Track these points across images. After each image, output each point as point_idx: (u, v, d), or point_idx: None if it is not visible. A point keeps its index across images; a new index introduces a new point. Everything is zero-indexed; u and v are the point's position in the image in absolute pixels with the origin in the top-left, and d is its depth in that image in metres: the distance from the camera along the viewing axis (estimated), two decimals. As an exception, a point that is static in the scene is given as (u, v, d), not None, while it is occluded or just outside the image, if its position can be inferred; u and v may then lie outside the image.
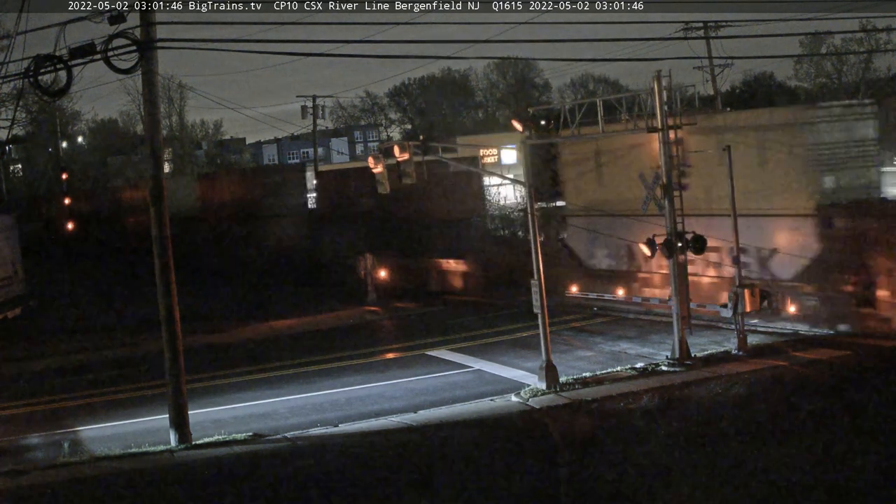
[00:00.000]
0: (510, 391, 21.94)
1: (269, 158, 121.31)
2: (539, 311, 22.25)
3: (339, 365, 26.43)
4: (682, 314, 23.41)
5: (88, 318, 38.41)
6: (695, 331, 24.85)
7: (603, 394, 21.27)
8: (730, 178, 24.15)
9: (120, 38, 18.35)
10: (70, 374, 27.77)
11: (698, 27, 54.61)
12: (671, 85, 24.26)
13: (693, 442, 18.62)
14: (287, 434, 19.59)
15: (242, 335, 32.50)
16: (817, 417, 19.28)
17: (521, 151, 22.83)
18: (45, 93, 18.94)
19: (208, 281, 45.62)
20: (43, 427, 21.78)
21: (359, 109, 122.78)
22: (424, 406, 21.26)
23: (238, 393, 23.96)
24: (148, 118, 20.07)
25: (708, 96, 56.91)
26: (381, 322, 34.04)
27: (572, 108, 26.30)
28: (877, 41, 78.82)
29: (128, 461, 18.35)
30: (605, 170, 31.88)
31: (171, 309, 19.60)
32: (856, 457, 17.58)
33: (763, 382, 21.61)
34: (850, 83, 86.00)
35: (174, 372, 19.59)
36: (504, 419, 20.16)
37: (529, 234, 23.31)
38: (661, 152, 23.56)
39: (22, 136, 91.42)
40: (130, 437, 19.87)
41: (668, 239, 23.14)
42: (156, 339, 22.10)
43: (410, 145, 23.38)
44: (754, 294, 23.79)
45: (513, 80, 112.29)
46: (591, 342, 27.30)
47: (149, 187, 19.82)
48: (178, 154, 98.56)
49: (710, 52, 58.69)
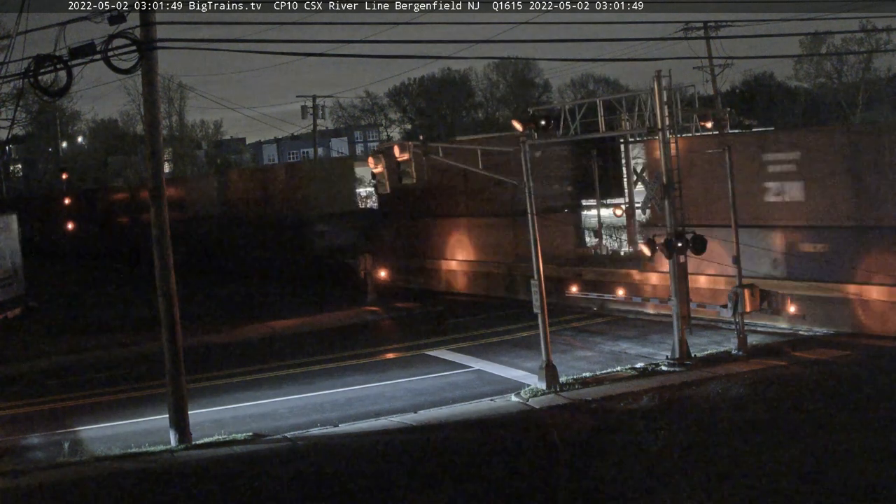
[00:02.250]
0: (510, 391, 21.94)
1: (269, 158, 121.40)
2: (539, 311, 22.26)
3: (339, 365, 26.44)
4: (682, 314, 23.42)
5: (88, 318, 38.41)
6: (695, 331, 24.86)
7: (603, 394, 21.28)
8: (730, 179, 24.17)
9: (120, 38, 18.36)
10: (70, 374, 27.77)
11: (698, 27, 54.72)
12: (671, 85, 24.29)
13: (693, 442, 18.61)
14: (287, 434, 19.60)
15: (242, 335, 32.50)
16: (817, 417, 19.27)
17: (521, 151, 22.76)
18: (45, 93, 18.95)
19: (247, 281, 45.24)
20: (43, 427, 21.79)
21: (359, 109, 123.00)
22: (424, 406, 21.27)
23: (238, 393, 23.97)
24: (148, 118, 20.05)
25: (708, 96, 56.98)
26: (381, 322, 34.04)
27: (572, 109, 26.31)
28: (877, 41, 78.93)
29: (128, 461, 18.36)
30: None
31: (171, 309, 19.61)
32: (856, 457, 17.58)
33: (763, 382, 21.63)
34: (850, 83, 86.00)
35: (174, 372, 19.60)
36: (504, 419, 20.16)
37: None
38: (661, 152, 23.58)
39: (22, 136, 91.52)
40: (130, 437, 19.88)
41: (668, 239, 23.15)
42: (156, 338, 22.11)
43: (410, 145, 23.39)
44: (754, 294, 23.81)
45: (513, 80, 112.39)
46: (591, 342, 27.32)
47: (149, 187, 19.84)
48: (178, 154, 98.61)
49: (710, 52, 58.89)
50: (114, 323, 36.09)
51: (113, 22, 18.17)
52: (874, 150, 24.83)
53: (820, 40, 77.25)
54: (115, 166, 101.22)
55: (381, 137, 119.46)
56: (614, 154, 36.16)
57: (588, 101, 27.44)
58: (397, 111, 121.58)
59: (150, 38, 18.87)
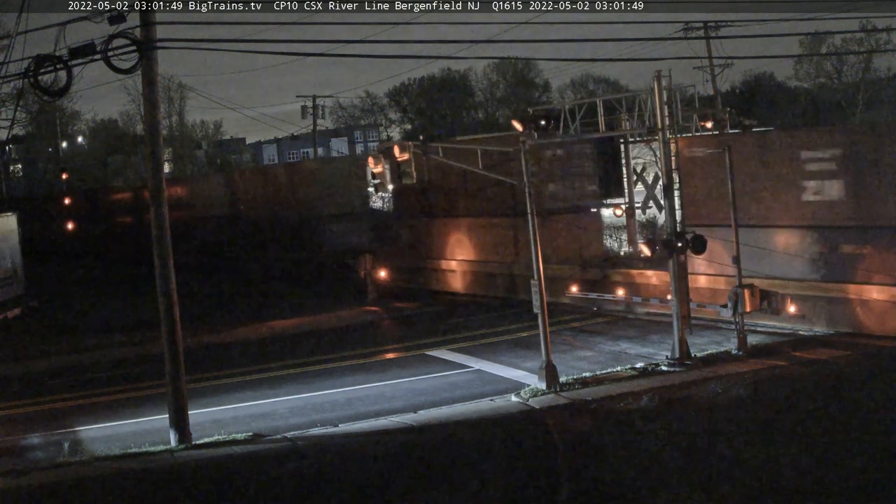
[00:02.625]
0: (510, 391, 21.94)
1: (269, 158, 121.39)
2: (539, 311, 22.26)
3: (339, 365, 26.43)
4: (682, 314, 23.41)
5: (88, 318, 38.41)
6: (695, 331, 24.86)
7: (603, 394, 21.27)
8: (730, 180, 24.16)
9: (120, 39, 18.34)
10: (70, 374, 27.77)
11: (698, 27, 54.68)
12: (671, 85, 24.28)
13: (693, 442, 18.63)
14: (287, 434, 19.59)
15: (242, 335, 32.51)
16: (817, 417, 19.29)
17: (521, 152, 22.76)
18: (45, 93, 18.93)
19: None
20: (43, 427, 21.77)
21: (359, 109, 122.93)
22: (424, 406, 21.25)
23: (238, 393, 23.96)
24: (148, 118, 20.04)
25: (708, 96, 56.98)
26: (381, 322, 34.05)
27: (572, 109, 26.31)
28: (877, 41, 78.88)
29: (128, 461, 18.34)
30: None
31: (171, 309, 19.60)
32: (856, 457, 17.60)
33: (763, 382, 21.63)
34: (850, 83, 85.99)
35: (174, 372, 19.58)
36: (504, 419, 20.15)
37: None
38: (661, 152, 23.58)
39: (22, 136, 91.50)
40: (130, 437, 19.86)
41: (667, 239, 23.15)
42: (155, 339, 22.11)
43: (410, 145, 23.38)
44: (754, 294, 23.80)
45: (513, 80, 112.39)
46: (591, 342, 27.31)
47: (149, 187, 19.83)
48: (178, 154, 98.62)
49: (710, 52, 58.84)
50: (114, 323, 36.07)
51: (113, 22, 18.16)
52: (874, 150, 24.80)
53: (820, 40, 77.23)
54: (115, 166, 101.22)
55: (381, 137, 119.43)
56: (615, 154, 35.94)
57: (588, 101, 27.42)
58: (397, 111, 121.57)
59: (150, 38, 18.85)
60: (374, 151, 25.76)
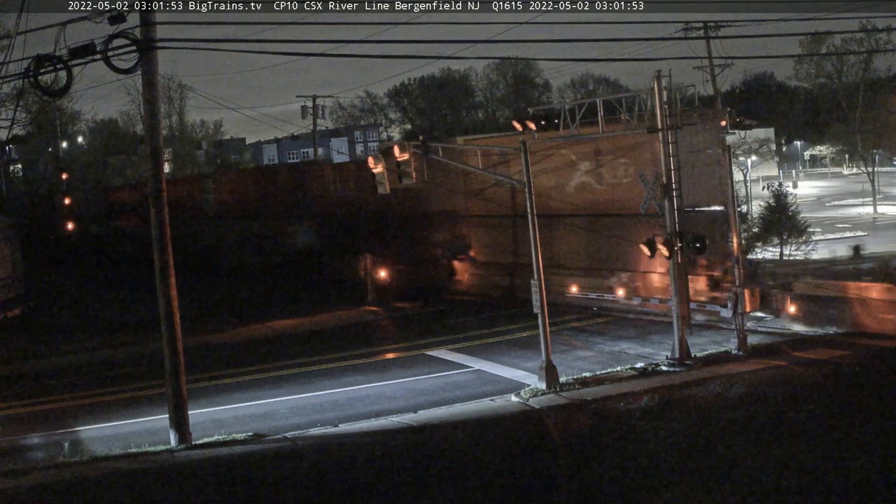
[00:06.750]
0: (510, 391, 21.94)
1: (269, 158, 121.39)
2: (539, 311, 22.26)
3: (339, 365, 26.43)
4: (682, 314, 23.41)
5: (88, 318, 38.40)
6: (695, 331, 24.86)
7: (603, 394, 21.27)
8: (730, 179, 24.19)
9: (120, 38, 18.34)
10: (70, 374, 27.75)
11: (698, 27, 54.68)
12: (671, 85, 24.28)
13: (693, 442, 18.62)
14: (287, 434, 19.59)
15: (242, 335, 32.50)
16: (817, 417, 19.28)
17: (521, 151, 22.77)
18: (45, 93, 18.94)
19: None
20: (43, 427, 21.76)
21: (359, 109, 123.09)
22: (424, 406, 21.26)
23: (238, 393, 23.96)
24: (148, 118, 20.03)
25: (708, 96, 56.98)
26: (381, 322, 34.04)
27: (572, 108, 26.31)
28: (877, 41, 78.95)
29: (128, 461, 18.34)
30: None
31: (171, 308, 19.60)
32: (855, 457, 17.59)
33: (763, 382, 21.63)
34: (850, 83, 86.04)
35: (174, 372, 19.58)
36: (504, 419, 20.15)
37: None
38: (661, 152, 23.58)
39: (22, 136, 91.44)
40: (130, 437, 19.86)
41: (667, 239, 23.15)
42: (156, 338, 22.09)
43: (410, 145, 23.38)
44: (754, 294, 23.81)
45: (513, 80, 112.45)
46: (591, 342, 27.31)
47: (149, 187, 19.82)
48: (178, 154, 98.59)
49: (710, 52, 58.80)
50: (114, 323, 36.07)
51: (113, 22, 18.16)
52: None
53: (820, 40, 77.26)
54: (115, 166, 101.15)
55: (381, 137, 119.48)
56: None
57: (588, 100, 27.43)
58: (397, 111, 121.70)
59: (150, 38, 18.86)
60: (375, 152, 25.77)
